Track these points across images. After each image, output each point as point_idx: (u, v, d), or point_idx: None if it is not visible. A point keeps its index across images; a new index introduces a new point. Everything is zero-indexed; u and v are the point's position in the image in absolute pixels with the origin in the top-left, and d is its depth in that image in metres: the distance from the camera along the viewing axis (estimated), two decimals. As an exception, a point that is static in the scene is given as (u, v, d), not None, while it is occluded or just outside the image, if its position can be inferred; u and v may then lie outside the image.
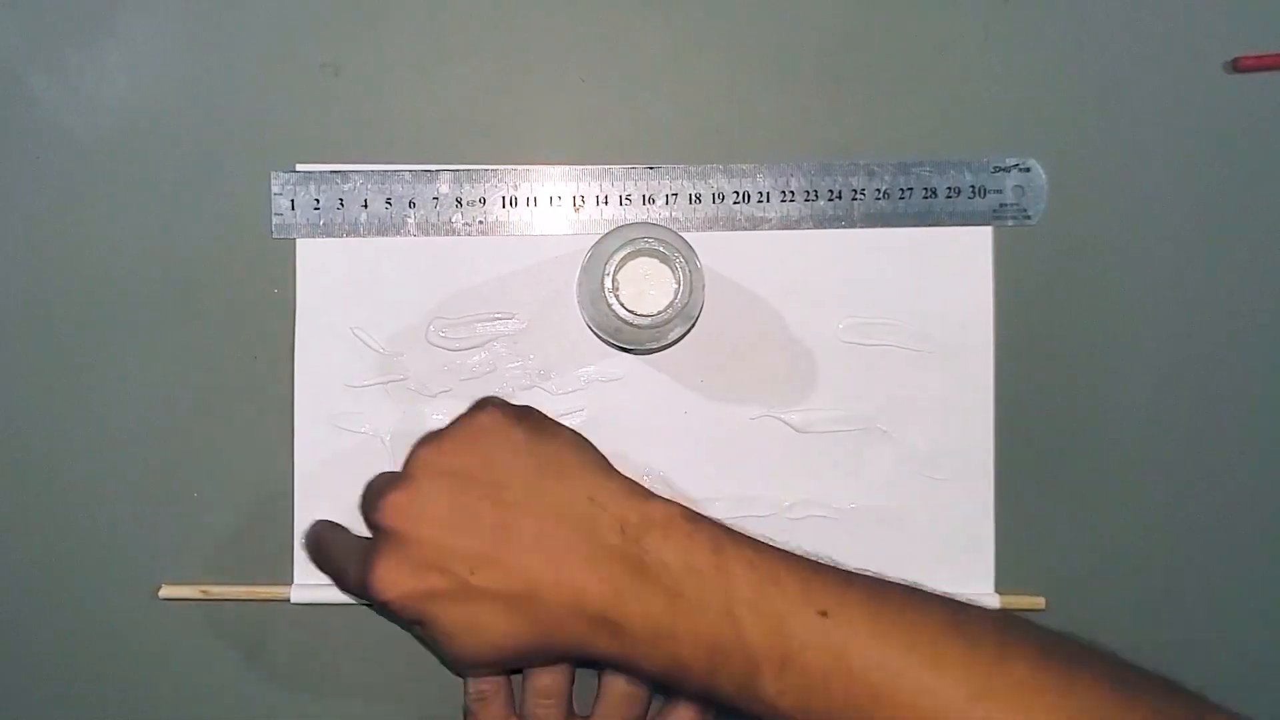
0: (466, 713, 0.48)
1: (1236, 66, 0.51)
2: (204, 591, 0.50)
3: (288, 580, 0.50)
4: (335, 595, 0.49)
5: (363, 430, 0.50)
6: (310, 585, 0.50)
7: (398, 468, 0.42)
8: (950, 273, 0.51)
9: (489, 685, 0.47)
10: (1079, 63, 0.51)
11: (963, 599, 0.39)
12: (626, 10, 0.51)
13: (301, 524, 0.50)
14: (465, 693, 0.48)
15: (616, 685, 0.46)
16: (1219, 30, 0.51)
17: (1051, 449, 0.51)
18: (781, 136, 0.51)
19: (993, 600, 0.50)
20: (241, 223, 0.50)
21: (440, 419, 0.50)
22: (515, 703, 0.47)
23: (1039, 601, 0.51)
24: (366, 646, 0.50)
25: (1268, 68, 0.51)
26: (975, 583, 0.51)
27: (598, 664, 0.44)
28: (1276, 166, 0.51)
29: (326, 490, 0.50)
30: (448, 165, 0.50)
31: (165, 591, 0.50)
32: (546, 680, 0.46)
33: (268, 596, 0.50)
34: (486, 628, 0.39)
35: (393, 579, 0.39)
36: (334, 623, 0.50)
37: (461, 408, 0.43)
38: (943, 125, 0.51)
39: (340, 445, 0.50)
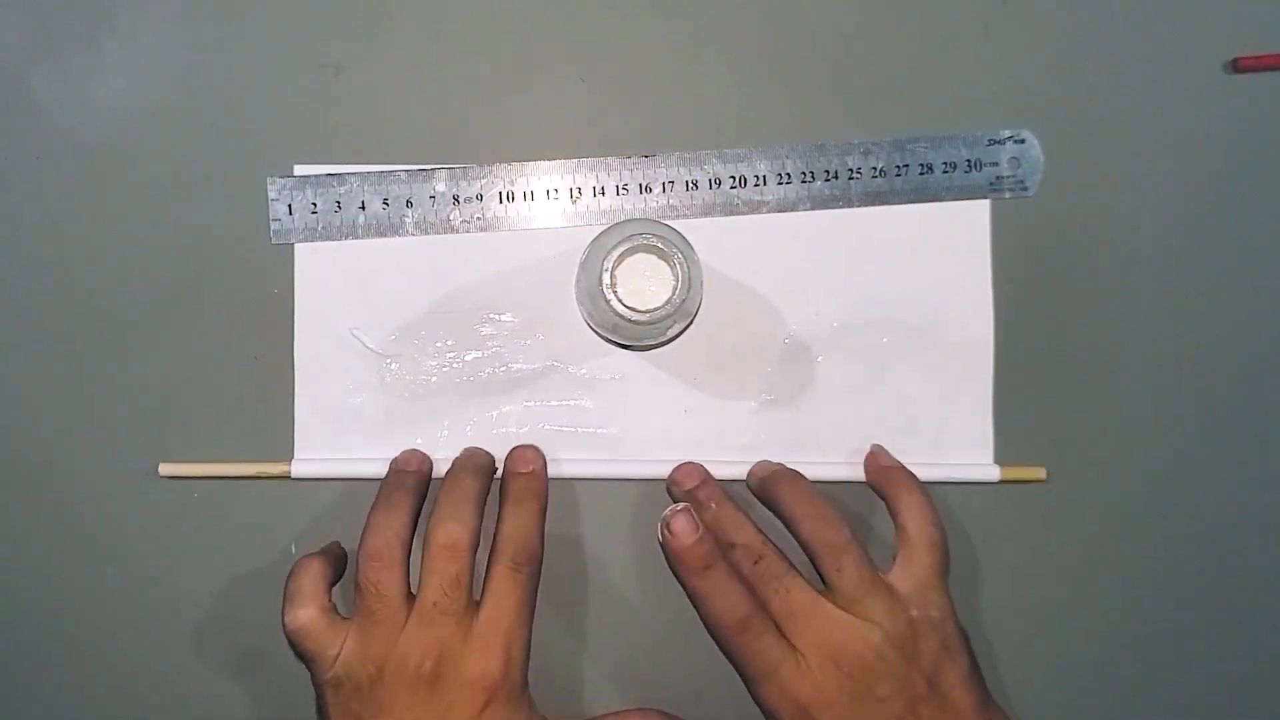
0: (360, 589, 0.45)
1: (1236, 67, 0.51)
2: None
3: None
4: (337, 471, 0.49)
5: (361, 431, 0.50)
6: (310, 460, 0.50)
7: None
8: (948, 248, 0.51)
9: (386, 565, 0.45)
10: (1077, 49, 0.51)
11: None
12: (624, 5, 0.51)
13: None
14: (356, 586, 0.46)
15: (437, 537, 0.45)
16: (1218, 30, 0.51)
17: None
18: (776, 119, 0.51)
19: (993, 472, 0.50)
20: (241, 224, 0.50)
21: (438, 419, 0.50)
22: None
23: (1039, 472, 0.50)
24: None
25: (1267, 68, 0.51)
26: (975, 454, 0.50)
27: None
28: (1274, 165, 0.51)
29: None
30: (446, 165, 0.50)
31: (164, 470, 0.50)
32: (456, 533, 0.45)
33: (268, 474, 0.50)
34: None
35: None
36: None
37: (461, 406, 0.42)
38: (938, 101, 0.51)
39: (339, 446, 0.50)
